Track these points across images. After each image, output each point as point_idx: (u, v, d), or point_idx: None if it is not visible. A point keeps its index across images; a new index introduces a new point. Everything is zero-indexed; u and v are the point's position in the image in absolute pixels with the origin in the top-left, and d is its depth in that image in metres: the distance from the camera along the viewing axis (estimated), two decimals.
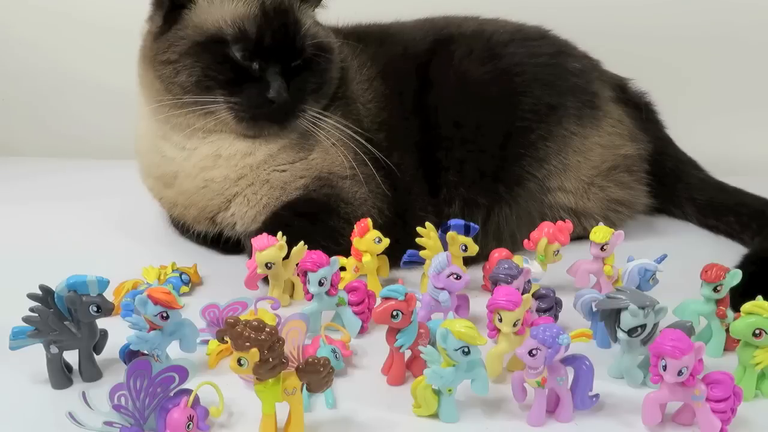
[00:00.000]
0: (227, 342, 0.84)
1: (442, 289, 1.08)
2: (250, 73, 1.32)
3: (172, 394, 0.86)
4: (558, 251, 1.25)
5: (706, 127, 2.00)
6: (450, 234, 1.25)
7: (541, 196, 1.48)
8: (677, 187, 1.65)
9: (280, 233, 1.23)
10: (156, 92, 1.36)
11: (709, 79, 2.13)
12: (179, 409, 0.85)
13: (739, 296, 1.06)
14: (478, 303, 1.18)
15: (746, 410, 0.92)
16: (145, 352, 0.98)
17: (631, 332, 0.95)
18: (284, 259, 1.22)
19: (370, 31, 1.62)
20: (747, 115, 2.13)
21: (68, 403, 0.91)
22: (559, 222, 1.26)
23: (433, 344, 0.93)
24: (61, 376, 0.99)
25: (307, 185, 1.39)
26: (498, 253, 1.26)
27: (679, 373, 0.84)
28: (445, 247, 1.25)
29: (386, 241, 1.27)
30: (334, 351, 1.01)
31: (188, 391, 0.87)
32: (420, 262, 1.26)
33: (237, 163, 1.37)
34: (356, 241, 1.27)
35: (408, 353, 1.00)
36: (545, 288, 1.12)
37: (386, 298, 0.96)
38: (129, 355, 1.01)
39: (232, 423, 0.91)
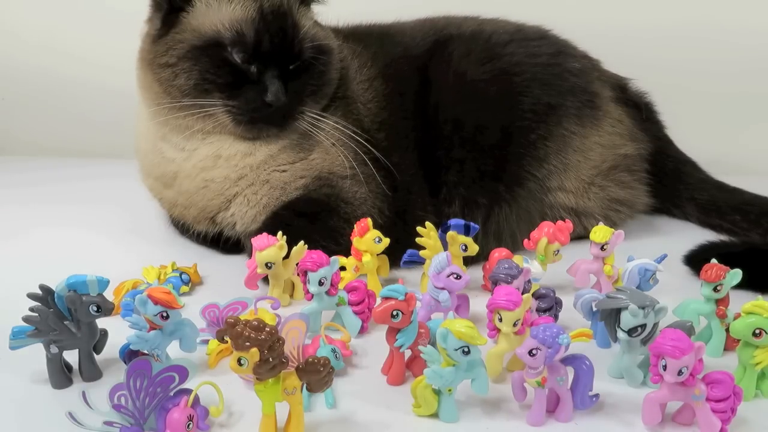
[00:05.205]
0: (227, 342, 0.84)
1: (442, 288, 1.08)
2: (249, 75, 1.32)
3: (172, 393, 0.86)
4: (558, 251, 1.25)
5: (706, 127, 2.00)
6: (450, 234, 1.25)
7: (542, 195, 1.48)
8: (677, 186, 1.65)
9: (280, 233, 1.23)
10: (155, 95, 1.36)
11: (709, 78, 2.13)
12: (179, 409, 0.85)
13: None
14: (478, 303, 1.18)
15: (746, 410, 0.92)
16: (145, 351, 0.98)
17: (631, 332, 0.95)
18: (284, 258, 1.22)
19: (371, 32, 1.62)
20: (747, 115, 2.13)
21: (68, 403, 0.91)
22: (559, 222, 1.26)
23: (433, 344, 0.93)
24: (61, 376, 0.99)
25: (307, 185, 1.39)
26: (498, 253, 1.26)
27: (679, 373, 0.83)
28: (445, 247, 1.25)
29: (386, 241, 1.27)
30: (334, 351, 1.01)
31: (188, 391, 0.87)
32: (420, 261, 1.26)
33: (237, 164, 1.37)
34: (356, 241, 1.27)
35: (408, 353, 1.00)
36: (545, 288, 1.12)
37: (386, 298, 0.96)
38: (129, 354, 1.01)
39: (232, 423, 0.91)
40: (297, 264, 1.16)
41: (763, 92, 2.13)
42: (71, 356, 1.01)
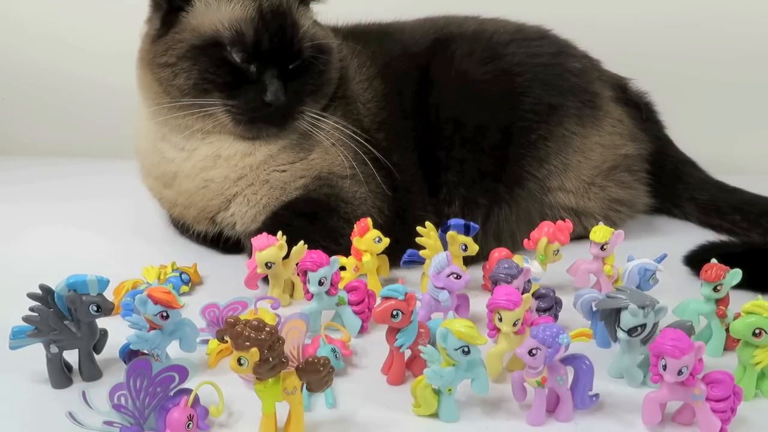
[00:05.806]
0: (227, 342, 0.84)
1: (442, 288, 1.08)
2: (248, 75, 1.31)
3: (172, 393, 0.86)
4: (558, 251, 1.25)
5: (706, 127, 2.00)
6: (450, 233, 1.25)
7: (542, 196, 1.48)
8: (677, 186, 1.65)
9: (279, 233, 1.23)
10: (154, 95, 1.36)
11: (709, 79, 2.13)
12: (179, 409, 0.85)
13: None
14: (478, 303, 1.18)
15: (746, 410, 0.92)
16: (145, 351, 0.98)
17: (631, 332, 0.95)
18: (284, 258, 1.22)
19: (370, 31, 1.62)
20: (747, 115, 2.13)
21: (68, 403, 0.91)
22: (559, 221, 1.26)
23: (433, 344, 0.93)
24: (61, 375, 0.99)
25: (306, 185, 1.39)
26: (498, 253, 1.26)
27: (679, 372, 0.83)
28: (445, 247, 1.25)
29: (386, 241, 1.27)
30: (334, 351, 1.01)
31: (188, 391, 0.87)
32: (420, 261, 1.26)
33: (237, 164, 1.37)
34: (356, 241, 1.27)
35: (408, 353, 1.00)
36: (545, 287, 1.12)
37: (386, 298, 0.96)
38: (129, 354, 1.01)
39: (232, 423, 0.91)
40: (297, 264, 1.16)
41: (763, 92, 2.13)
42: (71, 356, 1.01)
